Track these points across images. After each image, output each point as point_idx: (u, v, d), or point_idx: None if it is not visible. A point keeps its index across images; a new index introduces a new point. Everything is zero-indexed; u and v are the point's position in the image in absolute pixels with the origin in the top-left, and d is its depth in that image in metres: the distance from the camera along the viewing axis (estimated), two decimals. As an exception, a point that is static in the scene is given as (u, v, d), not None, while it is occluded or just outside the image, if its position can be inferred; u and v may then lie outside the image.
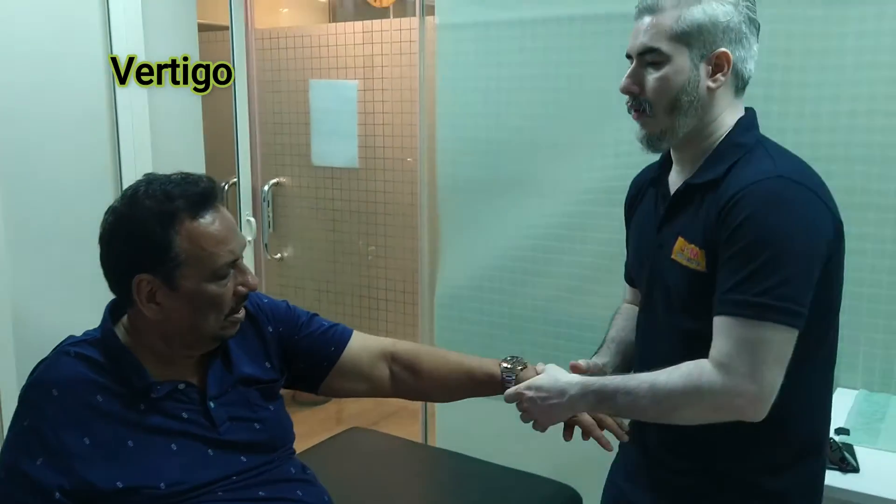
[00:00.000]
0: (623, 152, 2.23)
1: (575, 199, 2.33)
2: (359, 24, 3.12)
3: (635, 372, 1.25)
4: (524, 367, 1.44)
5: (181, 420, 1.24)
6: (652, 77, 1.20)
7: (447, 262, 2.62)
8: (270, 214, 3.30)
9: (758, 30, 1.22)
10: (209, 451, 1.25)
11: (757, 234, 1.10)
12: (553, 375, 1.30)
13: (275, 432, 1.35)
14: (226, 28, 2.80)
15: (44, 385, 1.19)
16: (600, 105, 2.25)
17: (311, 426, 3.12)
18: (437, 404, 2.67)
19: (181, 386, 1.26)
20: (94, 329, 1.28)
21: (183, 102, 2.60)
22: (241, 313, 1.29)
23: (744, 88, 1.24)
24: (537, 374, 1.37)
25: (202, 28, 2.80)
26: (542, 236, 2.40)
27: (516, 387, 1.33)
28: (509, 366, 1.45)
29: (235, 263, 1.25)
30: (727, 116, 1.23)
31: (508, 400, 1.35)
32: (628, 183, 2.25)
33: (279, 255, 3.45)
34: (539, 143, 2.37)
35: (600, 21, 2.22)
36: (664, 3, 1.19)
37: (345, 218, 3.27)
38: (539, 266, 2.42)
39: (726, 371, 1.10)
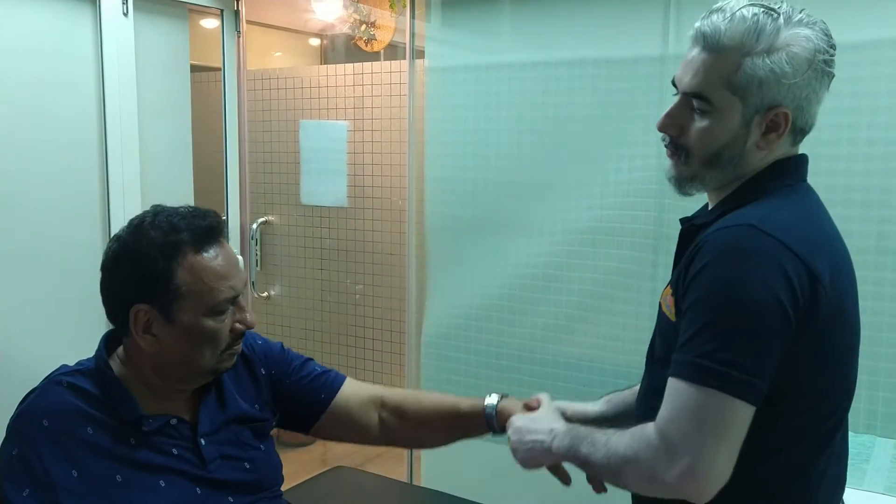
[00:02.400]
0: (609, 193, 2.27)
1: (561, 239, 2.35)
2: (349, 67, 3.17)
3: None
4: (504, 397, 1.44)
5: (171, 456, 1.22)
6: (696, 126, 1.06)
7: (434, 302, 2.62)
8: (258, 253, 3.30)
9: (830, 80, 1.05)
10: (197, 489, 1.23)
11: (707, 287, 0.98)
12: (551, 413, 1.27)
13: (264, 473, 1.34)
14: (218, 69, 2.84)
15: (34, 414, 1.17)
16: (586, 147, 2.29)
17: (297, 467, 3.07)
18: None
19: (173, 421, 1.24)
20: (88, 358, 1.27)
21: (173, 139, 2.62)
22: (239, 346, 1.29)
23: (805, 135, 1.09)
24: (525, 406, 1.35)
25: (195, 69, 2.84)
26: (530, 276, 2.41)
27: (511, 419, 1.29)
28: (491, 397, 1.45)
29: (235, 300, 1.24)
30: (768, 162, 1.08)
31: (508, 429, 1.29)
32: (613, 223, 2.30)
33: (266, 293, 3.44)
34: (526, 184, 2.40)
35: (586, 65, 2.27)
36: (725, 42, 1.01)
37: (333, 257, 3.27)
38: (526, 305, 2.43)
39: (662, 438, 0.98)
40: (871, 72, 1.86)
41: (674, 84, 1.10)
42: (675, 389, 0.99)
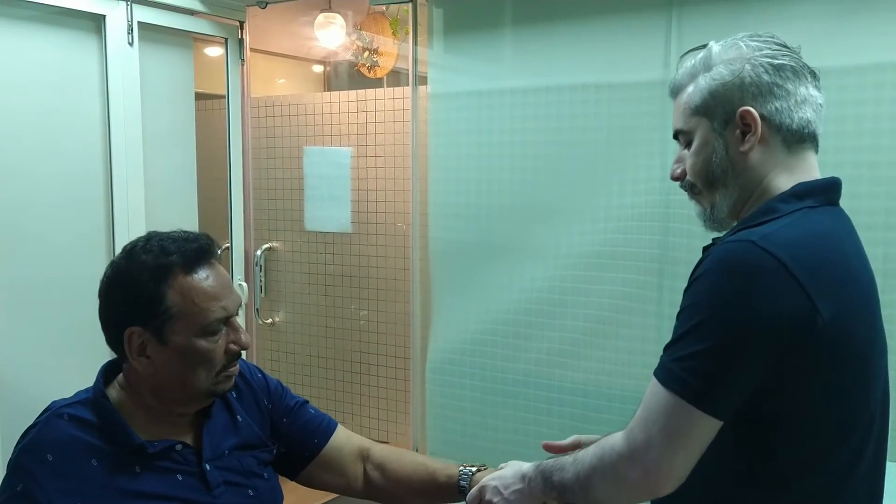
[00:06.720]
0: (612, 217, 2.26)
1: (565, 263, 2.35)
2: (353, 93, 3.19)
3: None
4: (480, 469, 1.41)
5: (176, 483, 1.23)
6: (687, 157, 1.16)
7: (439, 327, 2.61)
8: (262, 279, 3.30)
9: (797, 73, 1.09)
10: None
11: (696, 296, 1.01)
12: (515, 465, 1.26)
13: (266, 500, 1.34)
14: (222, 97, 2.86)
15: (38, 449, 1.17)
16: (588, 171, 2.29)
17: (301, 496, 3.03)
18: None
19: (178, 447, 1.25)
20: (87, 389, 1.27)
21: (178, 166, 2.64)
22: (235, 368, 1.29)
23: (803, 140, 1.10)
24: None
25: (199, 97, 2.86)
26: (534, 300, 2.41)
27: (479, 483, 1.29)
28: (465, 468, 1.42)
29: (228, 321, 1.25)
30: (779, 178, 1.09)
31: (470, 501, 1.29)
32: (617, 248, 2.29)
33: (271, 319, 3.43)
34: (529, 208, 2.40)
35: (588, 90, 2.28)
36: (681, 82, 1.16)
37: (337, 282, 3.27)
38: (531, 330, 2.42)
39: (627, 436, 1.02)
40: (874, 95, 1.86)
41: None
42: (651, 388, 1.03)
